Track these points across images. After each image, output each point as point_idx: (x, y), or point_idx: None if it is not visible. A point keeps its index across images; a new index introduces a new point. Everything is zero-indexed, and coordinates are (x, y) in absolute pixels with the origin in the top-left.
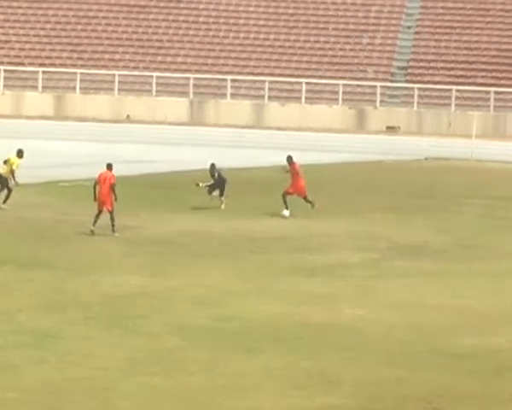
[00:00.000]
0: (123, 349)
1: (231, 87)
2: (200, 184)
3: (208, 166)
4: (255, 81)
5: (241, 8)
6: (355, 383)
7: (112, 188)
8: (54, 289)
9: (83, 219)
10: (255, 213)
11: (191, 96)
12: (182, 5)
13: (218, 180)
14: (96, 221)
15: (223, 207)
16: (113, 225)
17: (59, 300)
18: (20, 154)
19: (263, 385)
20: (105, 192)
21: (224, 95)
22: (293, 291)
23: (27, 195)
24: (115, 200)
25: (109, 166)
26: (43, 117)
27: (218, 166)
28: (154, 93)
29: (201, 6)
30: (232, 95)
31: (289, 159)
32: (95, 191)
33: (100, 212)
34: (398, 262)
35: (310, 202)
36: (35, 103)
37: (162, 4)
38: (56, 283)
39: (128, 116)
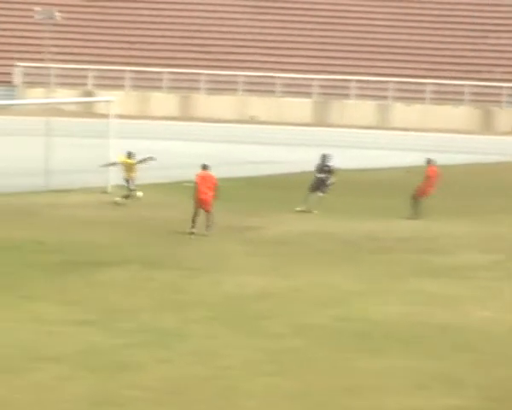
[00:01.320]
0: (246, 349)
1: (356, 88)
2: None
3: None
4: (380, 82)
5: (366, 9)
6: (479, 384)
7: (215, 188)
8: (177, 288)
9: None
10: (378, 213)
11: (315, 96)
12: (306, 6)
13: (319, 179)
14: (193, 223)
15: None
16: (208, 226)
17: (182, 299)
18: (129, 156)
19: (385, 386)
20: (205, 192)
21: (349, 95)
22: (416, 292)
23: (152, 195)
24: (215, 198)
25: (205, 167)
26: (168, 118)
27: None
28: (278, 94)
29: (327, 7)
30: (356, 95)
31: (428, 161)
32: (195, 192)
33: (197, 212)
34: None
35: (417, 207)
36: (160, 104)
37: (287, 5)
38: (180, 282)
39: (252, 117)
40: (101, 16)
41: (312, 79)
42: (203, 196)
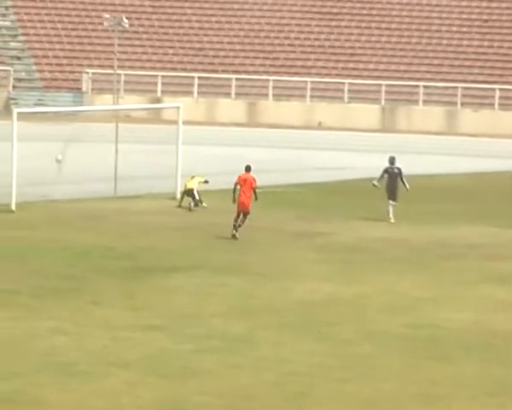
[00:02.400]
0: (315, 355)
1: (424, 94)
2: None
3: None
4: (448, 87)
5: (433, 15)
6: None
7: (254, 190)
8: (246, 294)
9: (274, 225)
10: (448, 220)
11: (383, 102)
12: (374, 12)
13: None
14: (236, 225)
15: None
16: (239, 226)
17: (251, 305)
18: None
19: (455, 393)
20: (246, 194)
21: (417, 101)
22: (486, 299)
23: (220, 201)
24: (255, 199)
25: (248, 169)
26: (236, 124)
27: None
28: (345, 100)
29: (394, 12)
30: (424, 101)
31: None
32: (234, 193)
33: (239, 214)
34: None
35: None
36: (228, 110)
37: (354, 11)
38: (249, 288)
39: (320, 123)
40: (170, 23)
41: (380, 85)
42: (242, 198)
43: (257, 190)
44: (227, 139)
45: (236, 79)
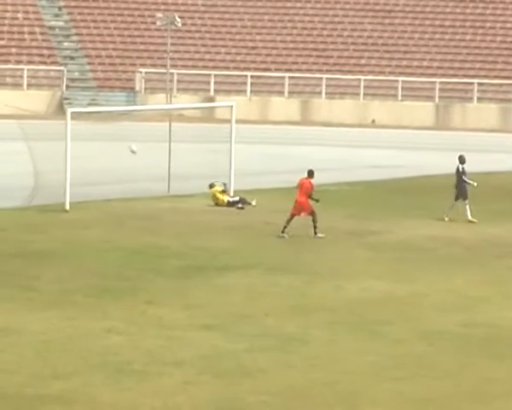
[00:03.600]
0: (369, 354)
1: (478, 91)
2: None
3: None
4: (502, 84)
5: (487, 12)
6: None
7: (308, 195)
8: (299, 293)
9: (327, 224)
10: (503, 218)
11: (437, 100)
12: (427, 9)
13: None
14: (286, 227)
15: (470, 218)
16: (315, 227)
17: (304, 304)
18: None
19: (511, 392)
20: (300, 198)
21: (471, 98)
22: None
23: (273, 200)
24: (317, 201)
25: (310, 174)
26: (289, 122)
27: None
28: (399, 97)
29: (448, 10)
30: (479, 98)
31: None
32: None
33: (292, 216)
34: None
35: None
36: (281, 108)
37: (408, 9)
38: (302, 287)
39: (373, 121)
40: (222, 21)
41: (434, 83)
42: (298, 203)
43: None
44: (280, 138)
45: (289, 77)
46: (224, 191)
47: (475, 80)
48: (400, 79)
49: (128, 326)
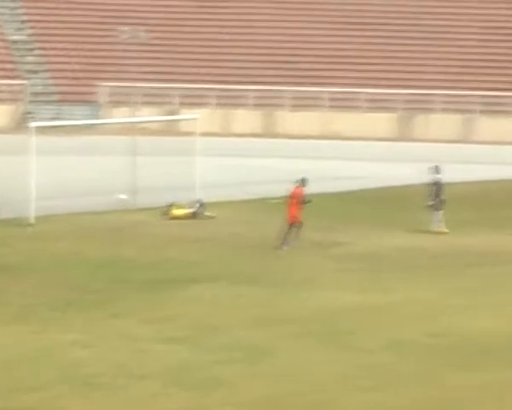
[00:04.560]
0: (337, 364)
1: (440, 102)
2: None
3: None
4: (466, 95)
5: (450, 23)
6: None
7: (299, 203)
8: (266, 304)
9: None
10: (466, 228)
11: (399, 111)
12: (389, 21)
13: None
14: (286, 239)
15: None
16: (285, 238)
17: (272, 315)
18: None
19: (481, 400)
20: (293, 207)
21: (433, 109)
22: (503, 306)
23: (236, 212)
24: (308, 202)
25: (301, 182)
26: (252, 134)
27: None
28: (362, 109)
29: (410, 21)
30: (441, 109)
31: None
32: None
33: (290, 227)
34: None
35: None
36: (245, 121)
37: (370, 21)
38: (269, 298)
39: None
40: (185, 35)
41: (396, 94)
42: (291, 213)
43: (277, 201)
44: (243, 150)
45: (253, 90)
46: (179, 207)
47: (438, 91)
48: (363, 90)
49: (95, 339)
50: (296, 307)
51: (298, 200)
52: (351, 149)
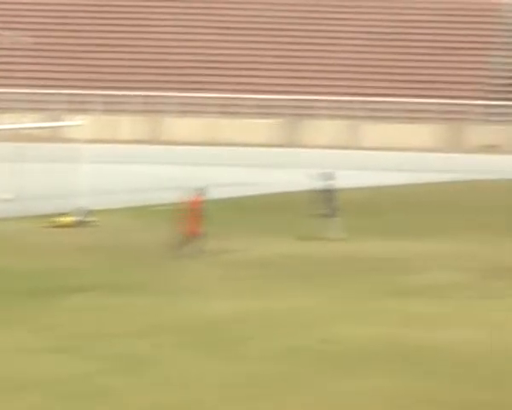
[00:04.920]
0: (223, 374)
1: (324, 108)
2: None
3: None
4: (348, 101)
5: (330, 28)
6: (459, 405)
7: (195, 211)
8: (152, 313)
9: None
10: (353, 235)
11: (283, 117)
12: (271, 26)
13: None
14: (187, 246)
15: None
16: (181, 246)
17: (157, 324)
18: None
19: (368, 407)
20: (191, 216)
21: (317, 115)
22: (393, 312)
23: (125, 218)
24: (199, 219)
25: (198, 191)
26: (138, 141)
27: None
28: (246, 115)
29: (292, 27)
30: (325, 115)
31: None
32: (184, 214)
33: (189, 236)
34: (494, 282)
35: None
36: (130, 127)
37: (251, 26)
38: (155, 307)
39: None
40: (70, 40)
41: (281, 100)
42: (189, 222)
43: (164, 208)
44: (129, 157)
45: (138, 96)
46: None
47: (323, 97)
48: (247, 96)
49: None
50: (184, 315)
51: (196, 209)
52: (238, 156)
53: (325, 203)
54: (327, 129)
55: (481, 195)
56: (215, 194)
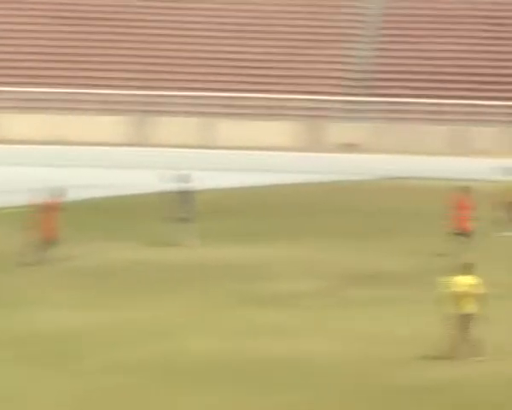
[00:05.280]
0: (57, 390)
1: (178, 104)
2: None
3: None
4: (204, 97)
5: (178, 19)
6: None
7: (51, 214)
8: None
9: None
10: (217, 239)
11: (131, 114)
12: (122, 16)
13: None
14: (37, 251)
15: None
16: (43, 254)
17: None
18: None
19: None
20: (45, 219)
21: (169, 112)
22: (241, 323)
23: None
24: (54, 223)
25: (53, 193)
26: None
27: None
28: (90, 112)
29: (141, 17)
30: (178, 112)
31: None
32: (36, 218)
33: (42, 240)
34: (354, 290)
35: None
36: None
37: (90, 15)
38: None
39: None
40: None
41: (129, 95)
42: (43, 225)
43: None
44: None
45: None
46: None
47: (175, 92)
48: (91, 91)
49: None
50: (14, 328)
51: (52, 212)
52: (79, 155)
53: (181, 207)
54: (181, 127)
55: (341, 196)
56: (70, 196)
